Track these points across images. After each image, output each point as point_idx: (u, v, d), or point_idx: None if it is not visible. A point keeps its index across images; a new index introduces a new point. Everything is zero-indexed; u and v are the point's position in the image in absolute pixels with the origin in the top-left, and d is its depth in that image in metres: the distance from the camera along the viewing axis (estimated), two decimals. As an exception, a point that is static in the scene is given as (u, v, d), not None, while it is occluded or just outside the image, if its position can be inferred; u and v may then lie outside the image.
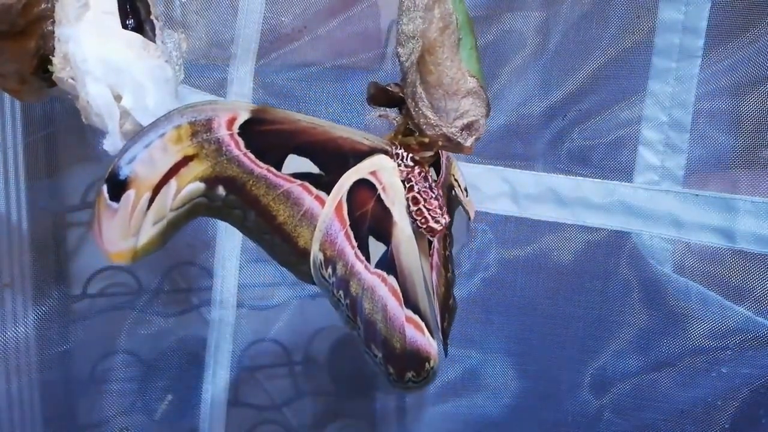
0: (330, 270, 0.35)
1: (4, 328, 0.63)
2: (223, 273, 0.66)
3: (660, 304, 0.57)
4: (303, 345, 0.77)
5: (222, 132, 0.32)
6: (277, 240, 0.35)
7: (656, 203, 0.56)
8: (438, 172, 0.39)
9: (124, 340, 0.71)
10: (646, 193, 0.56)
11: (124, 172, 0.30)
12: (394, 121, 0.37)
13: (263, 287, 0.69)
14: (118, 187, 0.30)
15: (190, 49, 0.39)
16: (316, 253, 0.35)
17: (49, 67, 0.33)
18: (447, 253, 0.41)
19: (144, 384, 0.72)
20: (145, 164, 0.31)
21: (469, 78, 0.34)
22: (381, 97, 0.36)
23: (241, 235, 0.64)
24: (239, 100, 0.33)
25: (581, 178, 0.58)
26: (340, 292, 0.35)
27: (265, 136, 0.33)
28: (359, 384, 0.80)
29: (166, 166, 0.31)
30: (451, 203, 0.41)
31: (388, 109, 0.37)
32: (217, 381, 0.67)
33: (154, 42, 0.34)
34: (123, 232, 0.31)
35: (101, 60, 0.32)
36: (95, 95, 0.32)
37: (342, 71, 0.66)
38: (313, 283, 0.36)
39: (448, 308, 0.41)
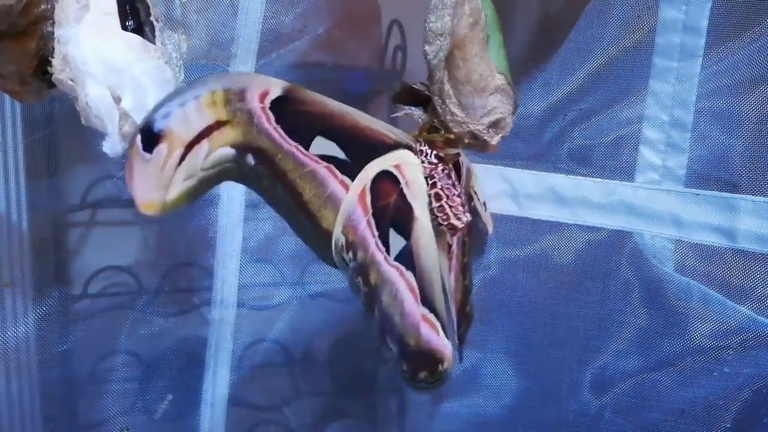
0: (351, 254, 0.35)
1: (4, 328, 0.63)
2: (224, 273, 0.66)
3: (661, 303, 0.57)
4: (303, 345, 0.77)
5: (254, 104, 0.33)
6: (303, 218, 0.35)
7: (657, 203, 0.56)
8: (459, 178, 0.39)
9: (124, 340, 0.71)
10: (647, 193, 0.56)
11: (159, 125, 0.31)
12: (419, 120, 0.37)
13: (263, 287, 0.69)
14: (151, 139, 0.31)
15: (191, 48, 0.39)
16: (338, 236, 0.35)
17: (48, 68, 0.33)
18: (465, 260, 0.41)
19: (144, 384, 0.72)
20: (179, 122, 0.32)
21: (497, 75, 0.35)
22: (406, 96, 0.37)
23: (241, 235, 0.65)
24: (273, 77, 0.34)
25: (582, 177, 0.58)
26: (360, 278, 0.36)
27: (296, 115, 0.34)
28: (359, 384, 0.80)
29: (199, 126, 0.32)
30: (471, 214, 0.41)
31: (413, 108, 0.37)
32: (217, 381, 0.67)
33: (154, 43, 0.34)
34: (154, 183, 0.32)
35: (101, 61, 0.32)
36: (95, 97, 0.32)
37: (342, 71, 0.66)
38: (336, 267, 0.36)
39: (464, 314, 0.41)
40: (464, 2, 0.33)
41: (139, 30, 0.33)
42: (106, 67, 0.32)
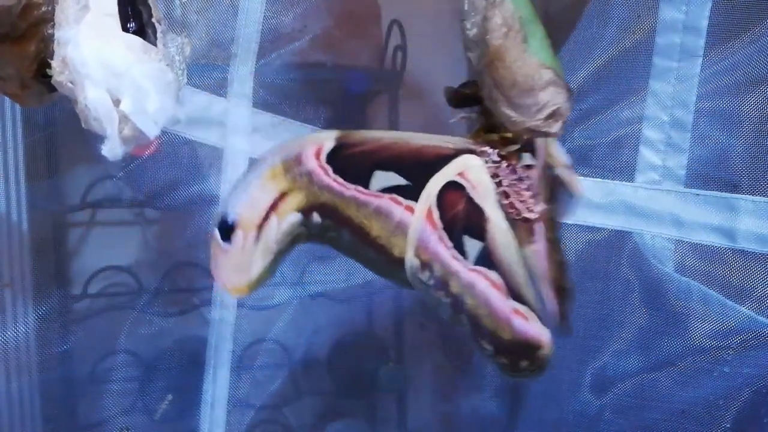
0: (427, 273, 0.36)
1: (4, 328, 0.63)
2: (224, 273, 0.65)
3: (661, 303, 0.57)
4: (303, 345, 0.77)
5: (311, 163, 0.35)
6: (372, 253, 0.37)
7: (657, 203, 0.56)
8: (534, 155, 0.39)
9: (124, 340, 0.71)
10: (648, 193, 0.56)
11: (231, 216, 0.35)
12: (477, 121, 0.38)
13: (263, 287, 0.69)
14: (227, 229, 0.35)
15: (191, 49, 0.39)
16: (411, 259, 0.36)
17: (47, 71, 0.32)
18: (553, 236, 0.41)
19: (144, 384, 0.72)
20: (248, 205, 0.35)
21: (543, 71, 0.35)
22: (459, 99, 0.38)
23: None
24: (323, 131, 0.36)
25: (582, 177, 0.58)
26: (441, 292, 0.37)
27: (350, 159, 0.36)
28: (359, 384, 0.80)
29: (265, 204, 0.35)
30: (554, 183, 0.41)
31: (467, 109, 0.38)
32: (217, 381, 0.67)
33: (156, 45, 0.33)
34: (237, 268, 0.35)
35: (101, 63, 0.32)
36: (93, 99, 0.32)
37: (342, 71, 0.66)
38: (411, 288, 0.37)
39: (563, 290, 0.42)
40: (495, 13, 0.33)
41: (141, 32, 0.33)
42: (106, 69, 0.32)
